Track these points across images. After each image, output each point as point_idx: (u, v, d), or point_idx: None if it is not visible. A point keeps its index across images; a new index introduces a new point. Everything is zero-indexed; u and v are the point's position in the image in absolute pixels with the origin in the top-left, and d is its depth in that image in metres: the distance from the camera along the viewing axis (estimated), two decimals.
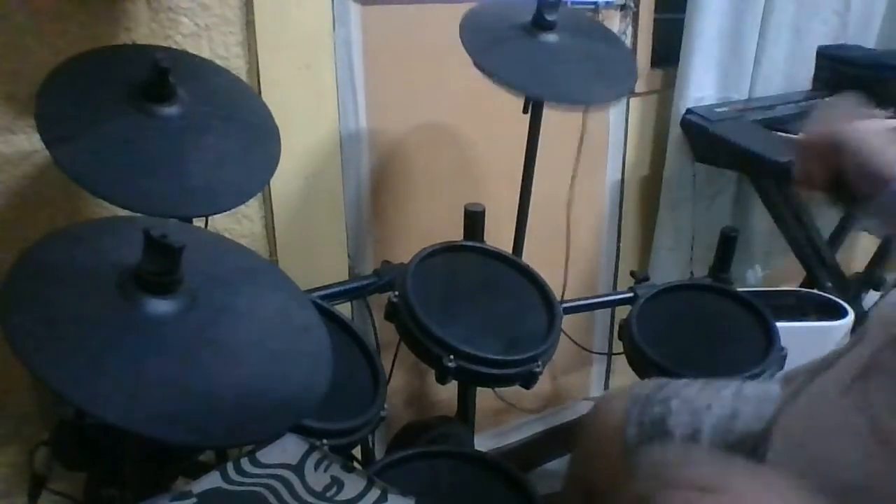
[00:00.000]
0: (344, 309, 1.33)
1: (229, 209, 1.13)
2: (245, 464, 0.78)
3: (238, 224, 1.37)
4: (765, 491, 0.61)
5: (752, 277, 2.14)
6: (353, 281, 1.35)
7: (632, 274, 1.57)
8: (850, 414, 0.65)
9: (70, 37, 1.10)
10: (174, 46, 1.19)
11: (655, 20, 1.83)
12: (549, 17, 1.25)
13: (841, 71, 2.01)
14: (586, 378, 2.16)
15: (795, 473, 0.68)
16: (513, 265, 1.30)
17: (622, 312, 1.42)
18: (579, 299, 1.55)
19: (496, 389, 1.78)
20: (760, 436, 0.83)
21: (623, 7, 1.76)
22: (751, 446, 0.83)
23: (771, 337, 1.25)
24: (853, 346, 0.74)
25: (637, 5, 1.77)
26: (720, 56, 1.86)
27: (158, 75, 0.94)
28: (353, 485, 0.78)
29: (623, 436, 0.94)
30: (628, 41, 1.80)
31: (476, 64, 1.18)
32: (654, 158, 2.00)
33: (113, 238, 0.83)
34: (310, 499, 0.75)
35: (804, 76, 2.05)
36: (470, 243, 1.33)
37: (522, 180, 1.42)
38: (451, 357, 1.05)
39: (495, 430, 1.96)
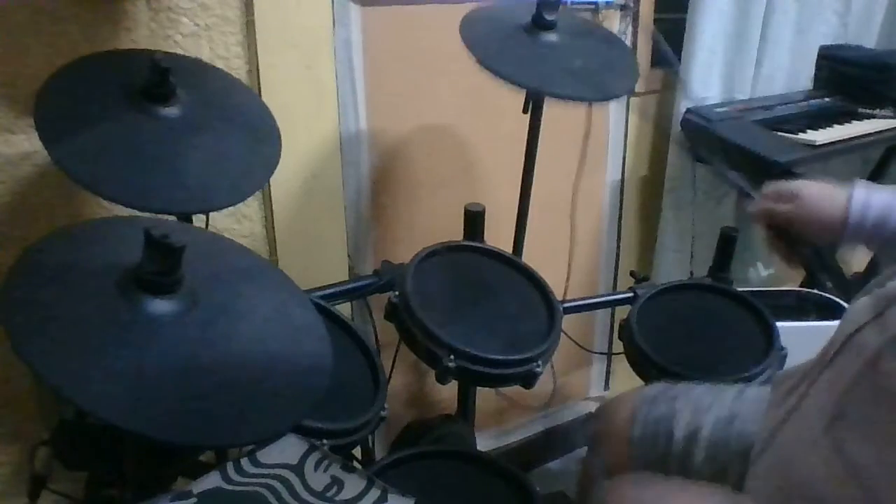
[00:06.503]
0: (344, 309, 1.33)
1: (228, 206, 1.13)
2: (245, 464, 0.78)
3: (238, 224, 1.37)
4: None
5: (755, 276, 2.13)
6: (353, 281, 1.35)
7: (632, 274, 1.57)
8: (823, 442, 0.66)
9: (70, 37, 1.10)
10: (174, 46, 1.19)
11: (655, 20, 1.83)
12: (549, 17, 1.25)
13: (841, 71, 2.01)
14: (586, 378, 2.15)
15: (775, 487, 0.70)
16: (513, 265, 1.30)
17: (622, 312, 1.42)
18: (579, 299, 1.55)
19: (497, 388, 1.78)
20: (753, 438, 0.83)
21: (623, 7, 1.76)
22: (745, 447, 0.84)
23: (771, 337, 1.25)
24: (833, 361, 0.73)
25: (637, 5, 1.77)
26: (722, 56, 1.86)
27: (158, 75, 0.94)
28: (353, 485, 0.78)
29: (629, 434, 0.95)
30: (628, 41, 1.80)
31: (478, 61, 1.18)
32: (653, 158, 2.00)
33: (113, 238, 0.83)
34: (310, 499, 0.75)
35: (805, 76, 2.05)
36: (470, 243, 1.33)
37: (522, 180, 1.42)
38: (451, 357, 1.05)
39: (496, 430, 1.96)
